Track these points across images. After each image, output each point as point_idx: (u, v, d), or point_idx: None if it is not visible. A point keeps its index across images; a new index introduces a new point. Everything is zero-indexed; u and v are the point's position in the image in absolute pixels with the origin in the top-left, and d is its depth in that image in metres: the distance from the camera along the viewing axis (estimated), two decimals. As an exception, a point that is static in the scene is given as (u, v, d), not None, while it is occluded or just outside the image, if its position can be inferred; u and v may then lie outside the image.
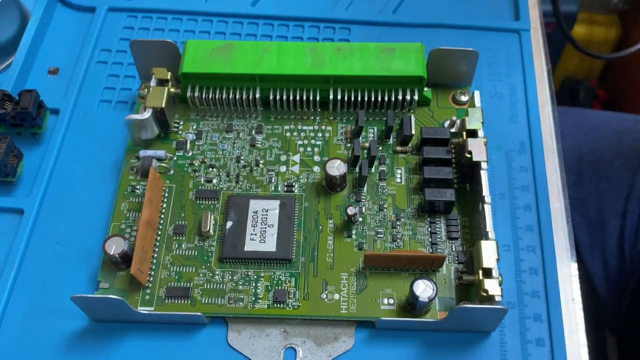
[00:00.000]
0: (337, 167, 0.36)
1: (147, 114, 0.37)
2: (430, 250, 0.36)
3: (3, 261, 0.36)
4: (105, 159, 0.40)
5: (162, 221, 0.36)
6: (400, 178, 0.38)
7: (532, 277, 0.36)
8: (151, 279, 0.35)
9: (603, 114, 0.61)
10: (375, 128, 0.40)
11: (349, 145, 0.39)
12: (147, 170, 0.37)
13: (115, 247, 0.34)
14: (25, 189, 0.39)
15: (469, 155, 0.36)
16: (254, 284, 0.34)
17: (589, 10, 0.92)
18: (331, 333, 0.34)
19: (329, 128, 0.40)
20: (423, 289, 0.32)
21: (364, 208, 0.37)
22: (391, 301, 0.34)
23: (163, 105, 0.37)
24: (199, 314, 0.33)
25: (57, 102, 0.42)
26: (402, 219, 0.37)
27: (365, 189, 0.38)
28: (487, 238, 0.33)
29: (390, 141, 0.39)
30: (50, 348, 0.34)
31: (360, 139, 0.39)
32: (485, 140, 0.36)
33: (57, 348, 0.34)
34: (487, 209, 0.34)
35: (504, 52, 0.46)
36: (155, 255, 0.35)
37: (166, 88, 0.38)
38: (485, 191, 0.35)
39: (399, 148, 0.39)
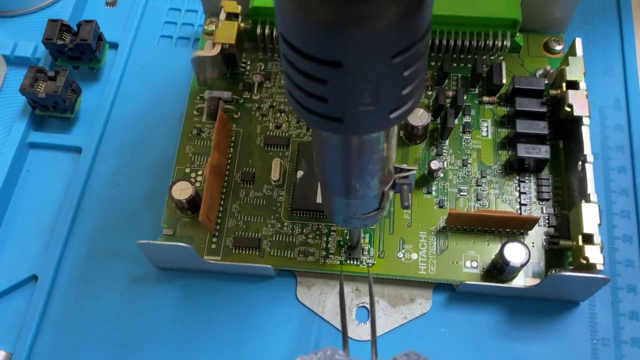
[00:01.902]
0: (419, 117, 0.33)
1: (215, 51, 0.34)
2: (518, 211, 0.33)
3: (61, 201, 0.35)
4: (167, 98, 0.38)
5: (229, 167, 0.34)
6: (487, 131, 0.35)
7: (627, 244, 0.34)
8: (218, 227, 0.33)
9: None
10: (459, 75, 0.37)
11: (429, 93, 0.36)
12: (214, 112, 0.35)
13: (182, 191, 0.32)
14: (84, 127, 0.37)
15: (568, 109, 0.32)
16: (325, 238, 0.33)
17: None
18: (407, 294, 0.32)
19: (408, 74, 0.37)
20: (515, 253, 0.30)
21: (445, 163, 0.34)
22: (474, 264, 0.32)
23: (233, 41, 0.34)
24: (268, 266, 0.32)
25: (115, 35, 0.40)
26: (487, 177, 0.34)
27: (447, 142, 0.35)
28: (587, 200, 0.30)
29: (476, 90, 0.36)
30: (110, 293, 0.33)
31: (444, 86, 0.36)
32: (586, 93, 0.33)
33: (118, 293, 0.33)
34: (589, 169, 0.31)
35: (599, -2, 0.41)
36: (222, 202, 0.34)
37: (236, 23, 0.35)
38: (587, 149, 0.32)
39: (486, 98, 0.36)
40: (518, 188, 0.34)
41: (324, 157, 0.22)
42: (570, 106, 0.32)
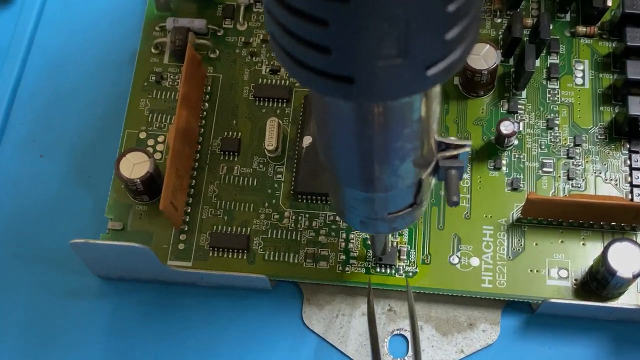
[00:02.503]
0: (484, 56, 0.28)
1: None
2: (629, 195, 0.28)
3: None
4: (112, 29, 0.32)
5: (203, 131, 0.30)
6: (583, 78, 0.30)
7: None
8: (187, 219, 0.29)
9: None
10: (544, -6, 0.31)
11: (498, 21, 0.30)
12: (180, 49, 0.30)
13: (135, 167, 0.27)
14: (-10, 72, 0.32)
15: None
16: (344, 235, 0.28)
17: None
18: (464, 317, 0.27)
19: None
20: (624, 258, 0.24)
21: (522, 124, 0.29)
22: (563, 274, 0.26)
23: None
24: (261, 276, 0.27)
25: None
26: (583, 145, 0.29)
27: (524, 93, 0.29)
28: None
29: (567, 17, 0.30)
30: (28, 312, 0.28)
31: (520, 10, 0.31)
32: None
33: (41, 313, 0.28)
34: None
35: None
36: (194, 183, 0.29)
37: None
38: None
39: (581, 29, 0.30)
40: (629, 162, 0.28)
41: (329, 133, 0.18)
42: None
